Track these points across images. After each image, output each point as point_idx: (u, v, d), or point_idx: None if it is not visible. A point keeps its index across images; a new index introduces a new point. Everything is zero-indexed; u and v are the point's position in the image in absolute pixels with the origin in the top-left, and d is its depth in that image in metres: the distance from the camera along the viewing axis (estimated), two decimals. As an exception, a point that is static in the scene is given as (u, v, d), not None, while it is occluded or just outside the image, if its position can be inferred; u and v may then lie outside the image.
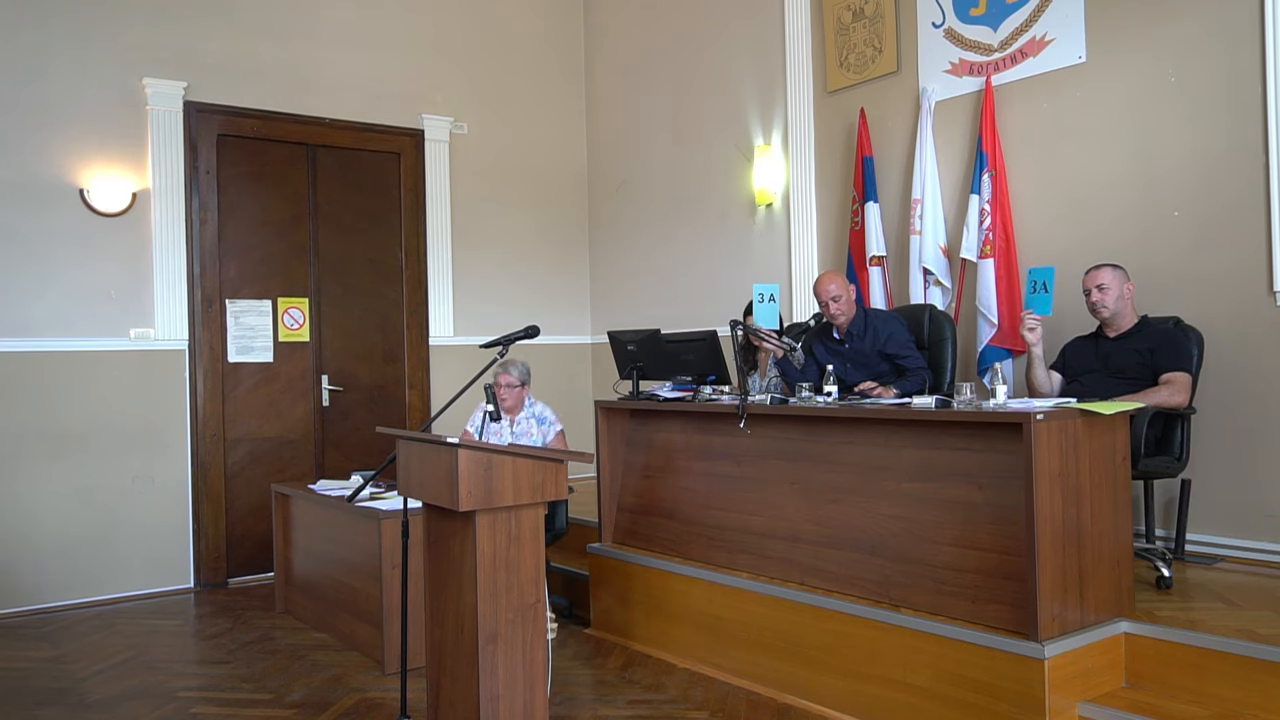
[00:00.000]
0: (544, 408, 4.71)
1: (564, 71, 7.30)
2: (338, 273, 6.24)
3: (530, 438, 4.60)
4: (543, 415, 4.67)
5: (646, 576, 4.25)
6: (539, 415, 4.68)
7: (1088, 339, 3.95)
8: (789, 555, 3.75)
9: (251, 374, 5.88)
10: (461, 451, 2.72)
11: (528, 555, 2.88)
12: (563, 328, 7.19)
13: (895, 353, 4.15)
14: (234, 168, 5.88)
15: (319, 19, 6.19)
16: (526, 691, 2.87)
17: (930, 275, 4.81)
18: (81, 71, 5.41)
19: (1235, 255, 3.88)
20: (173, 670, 4.17)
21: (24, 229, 5.24)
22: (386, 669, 4.04)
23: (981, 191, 4.57)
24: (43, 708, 3.74)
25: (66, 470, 5.30)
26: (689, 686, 3.79)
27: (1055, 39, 4.45)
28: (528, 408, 4.69)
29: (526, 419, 4.66)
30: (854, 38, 5.35)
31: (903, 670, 3.22)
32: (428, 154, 6.58)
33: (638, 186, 6.90)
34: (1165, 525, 3.87)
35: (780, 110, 5.80)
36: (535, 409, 4.69)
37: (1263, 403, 3.81)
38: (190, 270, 5.70)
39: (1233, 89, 3.89)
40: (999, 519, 3.08)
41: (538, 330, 3.56)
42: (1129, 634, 3.08)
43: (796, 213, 5.69)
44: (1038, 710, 2.85)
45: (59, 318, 5.32)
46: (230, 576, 5.75)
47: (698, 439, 4.24)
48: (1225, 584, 3.52)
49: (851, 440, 3.60)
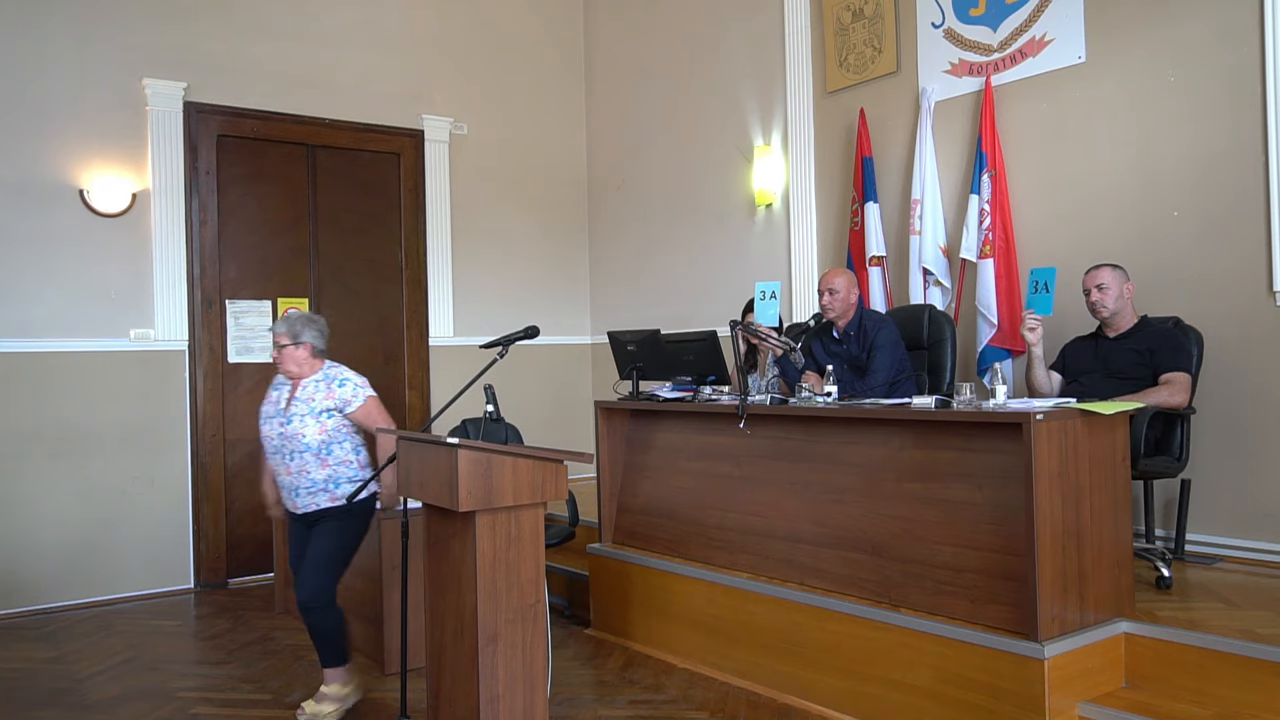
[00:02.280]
0: (345, 371, 3.67)
1: (564, 71, 7.30)
2: (338, 273, 6.24)
3: (312, 404, 3.54)
4: (343, 378, 3.63)
5: (646, 577, 4.25)
6: (334, 377, 3.62)
7: (1087, 339, 3.95)
8: (789, 555, 3.75)
9: (251, 374, 5.88)
10: (461, 452, 2.72)
11: (528, 555, 2.89)
12: (562, 328, 7.20)
13: (870, 354, 4.08)
14: (234, 168, 5.88)
15: (319, 19, 6.19)
16: (526, 692, 2.87)
17: (930, 275, 4.81)
18: (81, 72, 5.41)
19: (1235, 255, 3.88)
20: (173, 671, 4.17)
21: (24, 229, 5.24)
22: (386, 669, 4.04)
23: (981, 191, 4.57)
24: (43, 708, 3.74)
25: (66, 470, 5.30)
26: (689, 687, 3.79)
27: (1055, 39, 4.45)
28: (323, 371, 3.65)
29: (314, 383, 3.60)
30: (854, 38, 5.35)
31: (903, 670, 3.22)
32: (428, 154, 6.58)
33: (637, 186, 6.90)
34: (1165, 525, 3.87)
35: (780, 110, 5.80)
36: (331, 372, 3.65)
37: (1263, 403, 3.81)
38: (190, 271, 5.70)
39: (1233, 89, 3.89)
40: (999, 519, 3.08)
41: (537, 330, 3.57)
42: (1129, 634, 3.08)
43: (796, 213, 5.69)
44: (1038, 710, 2.85)
45: (59, 318, 5.32)
46: (230, 577, 5.75)
47: (697, 439, 4.24)
48: (1225, 584, 3.52)
49: (851, 440, 3.60)
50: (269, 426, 3.60)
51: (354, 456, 3.62)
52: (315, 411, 3.54)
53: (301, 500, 3.55)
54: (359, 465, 3.63)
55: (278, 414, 3.59)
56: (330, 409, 3.57)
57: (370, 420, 3.63)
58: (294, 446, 3.51)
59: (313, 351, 3.64)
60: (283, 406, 3.60)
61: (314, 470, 3.52)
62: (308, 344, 3.61)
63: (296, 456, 3.52)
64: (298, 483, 3.54)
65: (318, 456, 3.52)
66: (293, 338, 3.59)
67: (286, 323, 3.64)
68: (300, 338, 3.59)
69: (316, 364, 3.65)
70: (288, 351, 3.59)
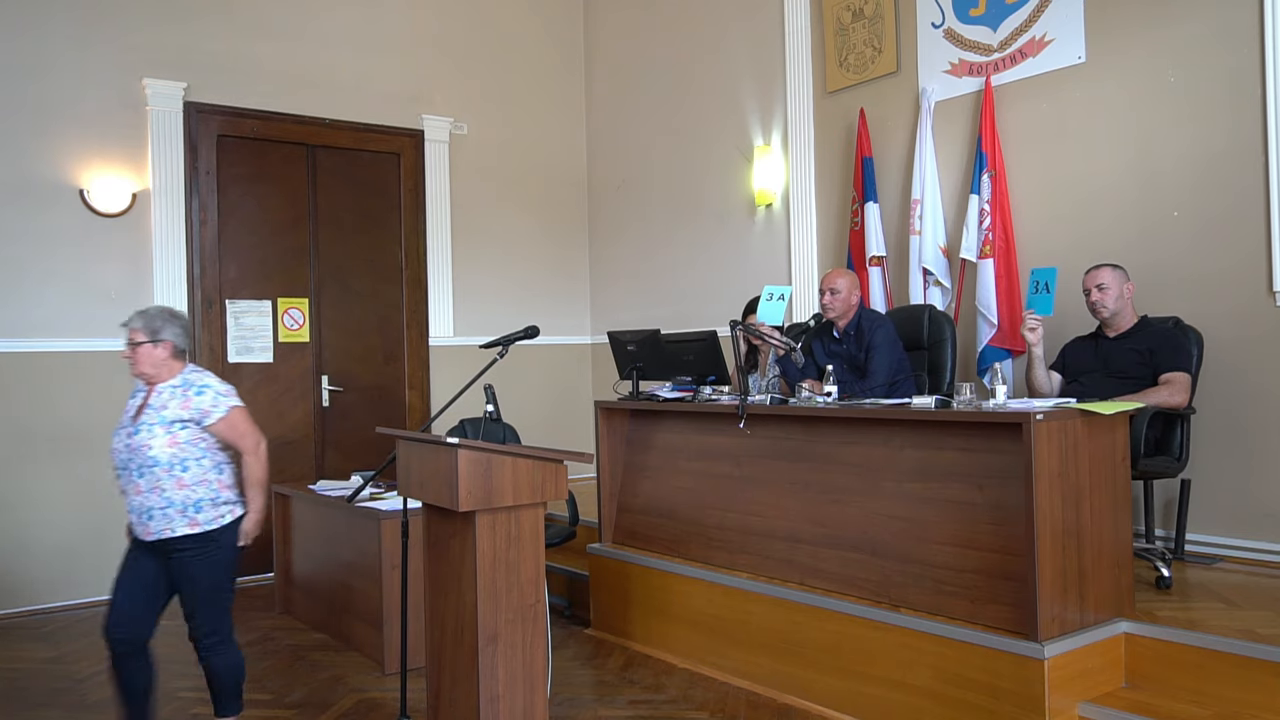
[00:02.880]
0: (208, 377, 3.17)
1: (564, 71, 7.30)
2: (338, 273, 6.24)
3: (164, 412, 3.05)
4: (203, 384, 3.12)
5: (646, 577, 4.25)
6: (194, 383, 3.12)
7: (1087, 339, 3.95)
8: (789, 555, 3.75)
9: (251, 374, 5.88)
10: (461, 452, 2.72)
11: (528, 555, 2.88)
12: (562, 328, 7.19)
13: (867, 355, 4.08)
14: (234, 168, 5.88)
15: (319, 19, 6.19)
16: (526, 692, 2.87)
17: (930, 275, 4.81)
18: (82, 72, 5.41)
19: (1235, 255, 3.88)
20: (173, 671, 4.16)
21: (24, 229, 5.24)
22: (386, 669, 4.04)
23: (981, 191, 4.57)
24: (42, 708, 3.74)
25: (66, 470, 5.30)
26: (689, 687, 3.79)
27: (1055, 39, 4.45)
28: (182, 376, 3.13)
29: (170, 388, 3.09)
30: (854, 38, 5.35)
31: (903, 670, 3.22)
32: (428, 154, 6.58)
33: (637, 186, 6.90)
34: (1165, 525, 3.87)
35: (780, 110, 5.80)
36: (191, 377, 3.14)
37: (1263, 403, 3.81)
38: (190, 271, 5.70)
39: (1233, 89, 3.89)
40: (999, 519, 3.08)
41: (537, 330, 3.57)
42: (1129, 634, 3.08)
43: (796, 213, 5.69)
44: (1038, 710, 2.85)
45: (59, 318, 5.32)
46: (230, 577, 5.74)
47: (697, 439, 4.24)
48: (1225, 584, 3.52)
49: (851, 440, 3.60)
50: (117, 438, 3.09)
51: (214, 476, 3.10)
52: (166, 421, 3.03)
53: (155, 524, 3.03)
54: (221, 486, 3.11)
55: (127, 423, 3.09)
56: (184, 419, 3.05)
57: (235, 435, 3.14)
58: (141, 460, 3.01)
59: (173, 352, 3.11)
60: (134, 415, 3.10)
61: (168, 489, 3.02)
62: (168, 342, 3.09)
63: (146, 472, 3.01)
64: (149, 503, 3.02)
65: (170, 473, 3.02)
66: (150, 334, 3.07)
67: (143, 317, 3.10)
68: (160, 335, 3.08)
69: (176, 367, 3.13)
70: (144, 350, 3.07)
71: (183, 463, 3.04)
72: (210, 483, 3.09)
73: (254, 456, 3.17)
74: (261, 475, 3.17)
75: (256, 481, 3.16)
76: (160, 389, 3.09)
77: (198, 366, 3.21)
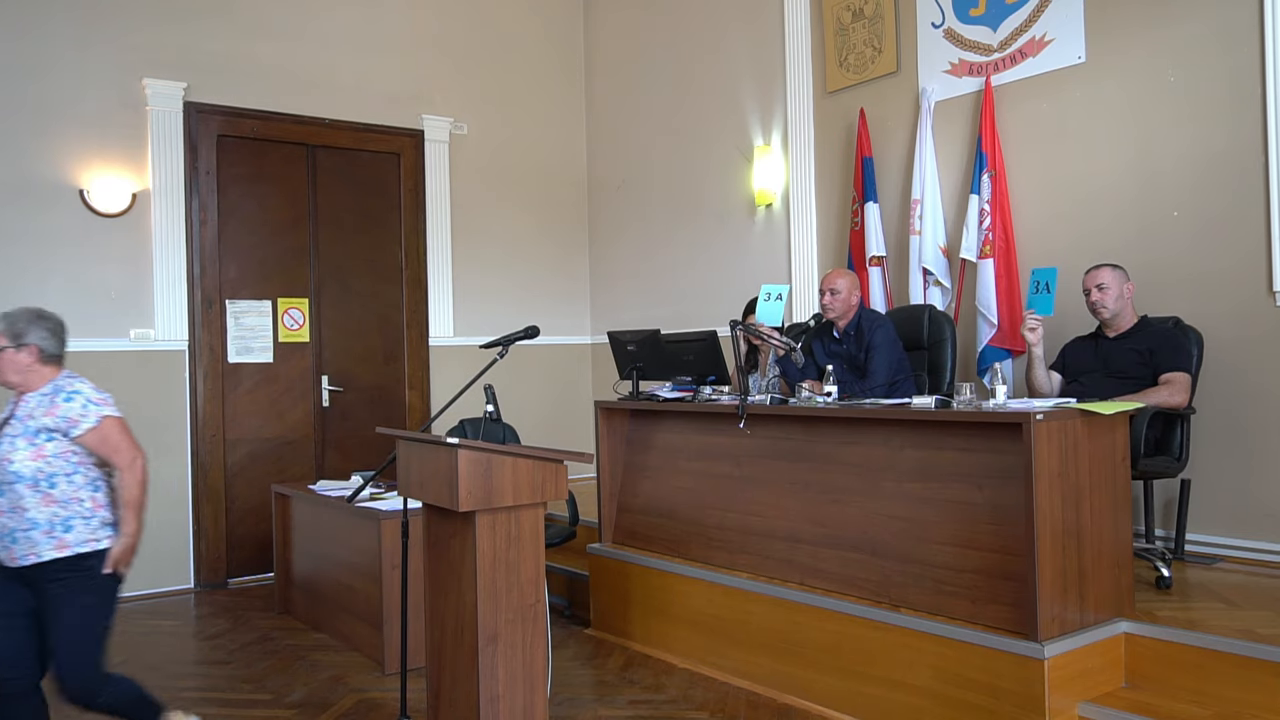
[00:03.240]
0: (81, 384, 2.86)
1: (564, 71, 7.30)
2: (338, 273, 6.24)
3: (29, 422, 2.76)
4: (73, 391, 2.81)
5: (646, 577, 4.25)
6: (63, 389, 2.82)
7: (1087, 339, 3.95)
8: (789, 555, 3.75)
9: (251, 374, 5.89)
10: (461, 452, 2.72)
11: (528, 555, 2.88)
12: (562, 328, 7.19)
13: (867, 355, 4.08)
14: (234, 168, 5.88)
15: (319, 19, 6.19)
16: (526, 692, 2.87)
17: (930, 275, 4.81)
18: (82, 72, 5.41)
19: (1235, 255, 3.88)
20: (173, 671, 4.16)
21: (24, 229, 5.24)
22: (386, 669, 4.04)
23: (981, 191, 4.57)
24: (43, 708, 3.73)
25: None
26: (689, 686, 3.79)
27: (1055, 39, 4.45)
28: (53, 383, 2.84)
29: (39, 396, 2.81)
30: (854, 38, 5.35)
31: (903, 670, 3.22)
32: (428, 154, 6.58)
33: (638, 186, 6.90)
34: (1165, 525, 3.87)
35: (780, 110, 5.80)
36: (62, 383, 2.85)
37: (1263, 403, 3.81)
38: (190, 271, 5.70)
39: (1233, 89, 3.89)
40: (999, 519, 3.08)
41: (537, 330, 3.57)
42: (1129, 634, 3.08)
43: (796, 213, 5.69)
44: (1038, 710, 2.85)
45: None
46: (230, 577, 5.75)
47: (697, 439, 4.24)
48: (1225, 584, 3.52)
49: (851, 440, 3.60)
50: None
51: (88, 493, 2.80)
52: (31, 431, 2.74)
53: (19, 549, 2.72)
54: (95, 505, 2.81)
55: None
56: (50, 429, 2.75)
57: (108, 449, 2.81)
58: (1, 476, 2.72)
59: (40, 357, 2.82)
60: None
61: (32, 508, 2.72)
62: (33, 346, 2.81)
63: (6, 490, 2.72)
64: (11, 524, 2.73)
65: (35, 489, 2.72)
66: (13, 338, 2.79)
67: (5, 319, 2.82)
68: (23, 338, 2.79)
69: (47, 373, 2.84)
70: (6, 357, 2.78)
71: (50, 478, 2.74)
72: (82, 500, 2.78)
73: (130, 473, 2.82)
74: (138, 495, 2.83)
75: (131, 501, 2.81)
76: (28, 398, 2.81)
77: (74, 373, 2.90)
